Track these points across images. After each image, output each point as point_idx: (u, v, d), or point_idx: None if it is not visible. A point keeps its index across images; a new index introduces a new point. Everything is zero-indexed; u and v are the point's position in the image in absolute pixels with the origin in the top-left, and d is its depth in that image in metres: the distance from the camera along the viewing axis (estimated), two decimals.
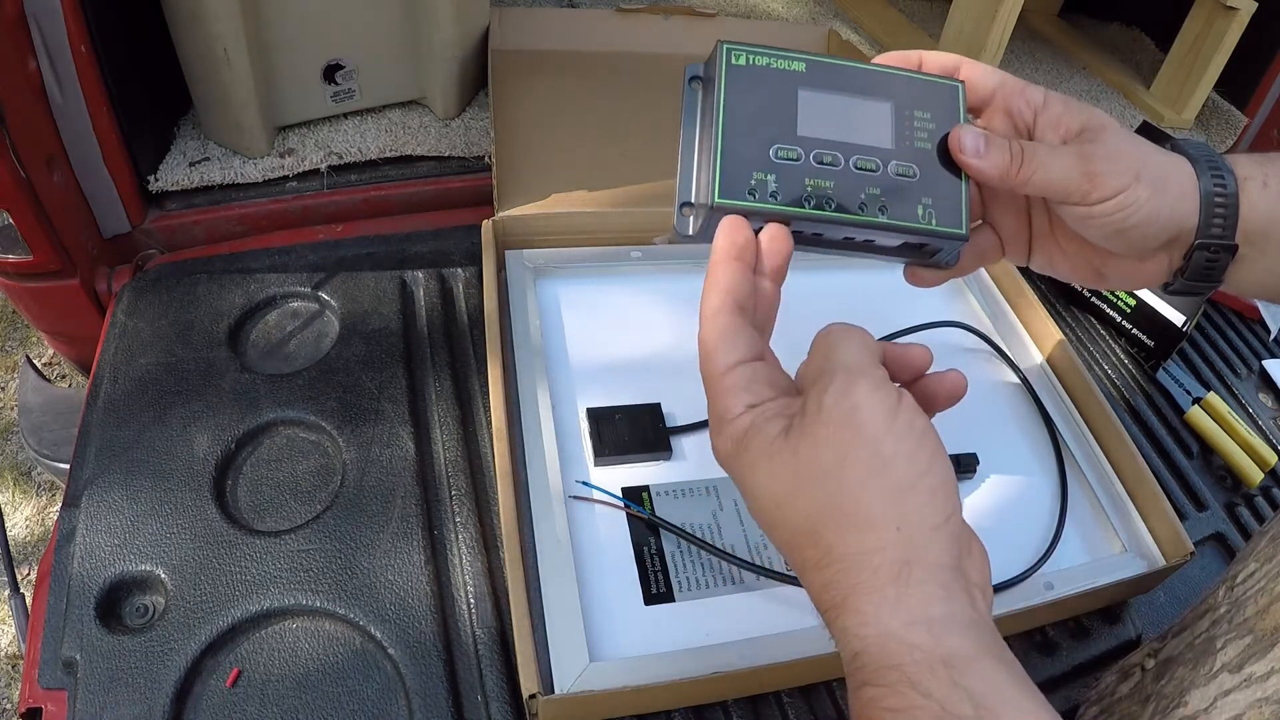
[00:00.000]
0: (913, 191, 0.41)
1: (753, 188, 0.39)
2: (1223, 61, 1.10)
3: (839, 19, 1.22)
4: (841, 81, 0.41)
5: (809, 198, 0.39)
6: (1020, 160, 0.40)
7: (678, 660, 0.49)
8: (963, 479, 0.63)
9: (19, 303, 0.78)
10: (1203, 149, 0.42)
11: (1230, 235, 0.40)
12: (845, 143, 0.40)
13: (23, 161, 0.65)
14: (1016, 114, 0.43)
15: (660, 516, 0.57)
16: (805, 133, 0.40)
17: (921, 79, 0.42)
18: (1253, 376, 0.86)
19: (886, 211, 0.40)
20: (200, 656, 0.50)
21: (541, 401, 0.61)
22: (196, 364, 0.65)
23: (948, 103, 0.42)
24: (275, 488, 0.59)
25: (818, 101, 0.40)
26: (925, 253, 0.44)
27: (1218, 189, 0.40)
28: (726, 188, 0.39)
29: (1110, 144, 0.40)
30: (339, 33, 0.80)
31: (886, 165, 0.40)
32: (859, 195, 0.40)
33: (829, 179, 0.40)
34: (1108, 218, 0.40)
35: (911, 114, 0.41)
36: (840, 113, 0.41)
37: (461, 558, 0.56)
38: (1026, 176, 0.40)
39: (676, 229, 0.41)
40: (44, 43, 0.65)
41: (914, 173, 0.41)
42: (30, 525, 1.39)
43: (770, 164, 0.39)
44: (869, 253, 0.44)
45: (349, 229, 0.81)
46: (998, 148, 0.40)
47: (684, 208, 0.41)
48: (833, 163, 0.40)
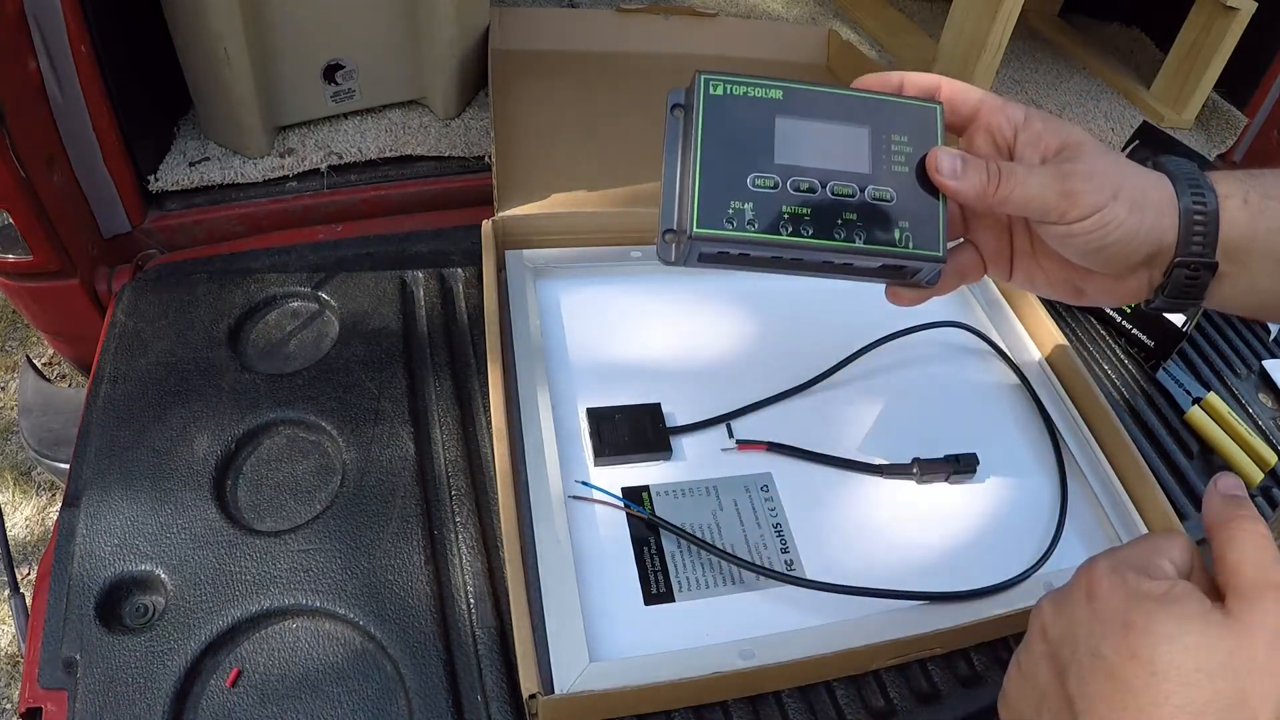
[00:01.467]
0: (890, 215, 0.41)
1: (730, 216, 0.40)
2: (1223, 61, 1.10)
3: (839, 19, 1.22)
4: (819, 108, 0.42)
5: (785, 224, 0.40)
6: (998, 180, 0.40)
7: (678, 660, 0.49)
8: (963, 479, 0.63)
9: (19, 303, 0.78)
10: (1184, 166, 0.42)
11: (1210, 253, 0.40)
12: (822, 169, 0.41)
13: (23, 161, 0.65)
14: (997, 131, 0.43)
15: (660, 516, 0.57)
16: (782, 160, 0.41)
17: (899, 102, 0.43)
18: (1253, 376, 0.85)
19: (863, 236, 0.41)
20: (200, 656, 0.50)
21: (541, 401, 0.61)
22: (196, 364, 0.65)
23: (926, 125, 0.42)
24: (275, 488, 0.59)
25: (795, 129, 0.41)
26: (905, 273, 0.44)
27: (1197, 207, 0.40)
28: (704, 217, 0.40)
29: (1088, 162, 0.40)
30: (339, 33, 0.80)
31: (864, 190, 0.41)
32: (835, 220, 0.41)
33: (806, 206, 0.41)
34: (1086, 236, 0.40)
35: (888, 138, 0.42)
36: (817, 139, 0.41)
37: (461, 558, 0.56)
38: (1005, 196, 0.40)
39: (659, 254, 0.42)
40: (44, 43, 0.65)
41: (891, 196, 0.41)
42: (30, 525, 1.39)
43: (748, 192, 0.40)
44: (849, 275, 0.44)
45: (349, 229, 0.81)
46: (974, 168, 0.40)
47: (666, 234, 0.42)
48: (810, 189, 0.41)
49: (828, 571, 0.55)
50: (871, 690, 0.53)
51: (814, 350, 0.70)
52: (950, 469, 0.62)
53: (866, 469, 0.62)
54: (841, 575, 0.55)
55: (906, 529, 0.60)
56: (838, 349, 0.70)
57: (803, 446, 0.62)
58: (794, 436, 0.63)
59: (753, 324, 0.73)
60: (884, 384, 0.69)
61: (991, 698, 0.54)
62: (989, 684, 0.55)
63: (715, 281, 0.76)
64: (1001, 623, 0.54)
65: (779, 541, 0.57)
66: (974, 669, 0.55)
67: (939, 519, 0.61)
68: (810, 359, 0.69)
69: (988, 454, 0.64)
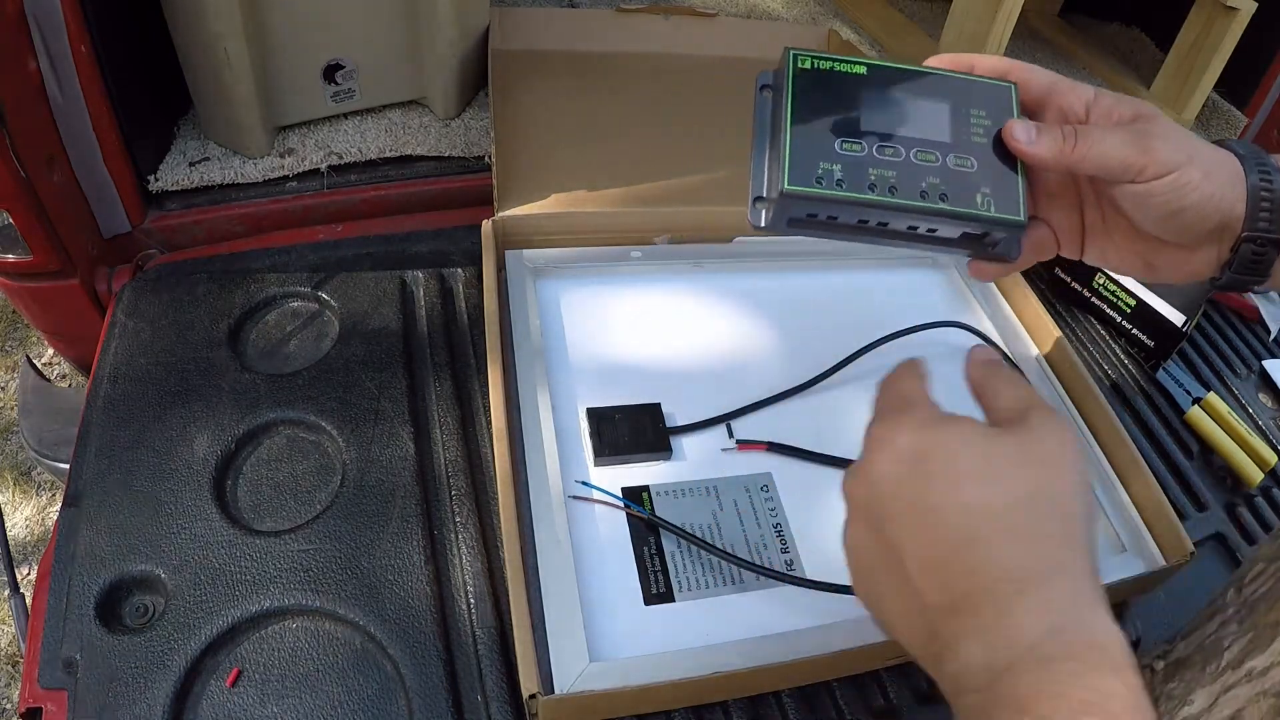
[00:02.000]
0: (971, 182, 0.43)
1: (820, 176, 0.42)
2: (1223, 61, 1.10)
3: (839, 19, 1.22)
4: (901, 83, 0.44)
5: (873, 185, 0.42)
6: (1074, 140, 0.41)
7: (678, 660, 0.49)
8: None
9: (19, 303, 0.78)
10: (1249, 147, 0.43)
11: (1277, 229, 0.41)
12: (906, 136, 0.43)
13: (23, 161, 0.65)
14: (1069, 110, 0.44)
15: (660, 516, 0.57)
16: (868, 128, 0.43)
17: (976, 80, 0.45)
18: (1253, 376, 0.86)
19: (947, 199, 0.42)
20: (200, 656, 0.50)
21: (541, 402, 0.61)
22: (196, 364, 0.65)
23: (1002, 101, 0.44)
24: (275, 488, 0.59)
25: (879, 100, 0.43)
26: (986, 243, 0.45)
27: (1264, 183, 0.41)
28: (795, 176, 0.41)
29: (1163, 125, 0.41)
30: (339, 33, 0.80)
31: (945, 158, 0.43)
32: (920, 184, 0.42)
33: (891, 169, 0.42)
34: (1163, 196, 0.41)
35: (968, 112, 0.44)
36: (900, 110, 0.43)
37: (461, 558, 0.56)
38: (1083, 153, 0.41)
39: (750, 220, 0.44)
40: (44, 43, 0.65)
41: (971, 164, 0.43)
42: (30, 525, 1.39)
43: (836, 155, 0.42)
44: (931, 244, 0.46)
45: (349, 229, 0.81)
46: (1049, 132, 0.42)
47: (757, 201, 0.44)
48: (894, 155, 0.43)
49: (828, 571, 0.55)
50: (871, 690, 0.53)
51: (814, 350, 0.70)
52: None
53: None
54: (841, 575, 0.53)
55: None
56: (838, 349, 0.70)
57: (803, 446, 0.62)
58: (794, 436, 0.63)
59: (752, 324, 0.73)
60: None
61: None
62: None
63: (715, 281, 0.76)
64: None
65: (779, 541, 0.57)
66: None
67: None
68: (810, 359, 0.69)
69: None
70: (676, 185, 0.79)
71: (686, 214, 0.76)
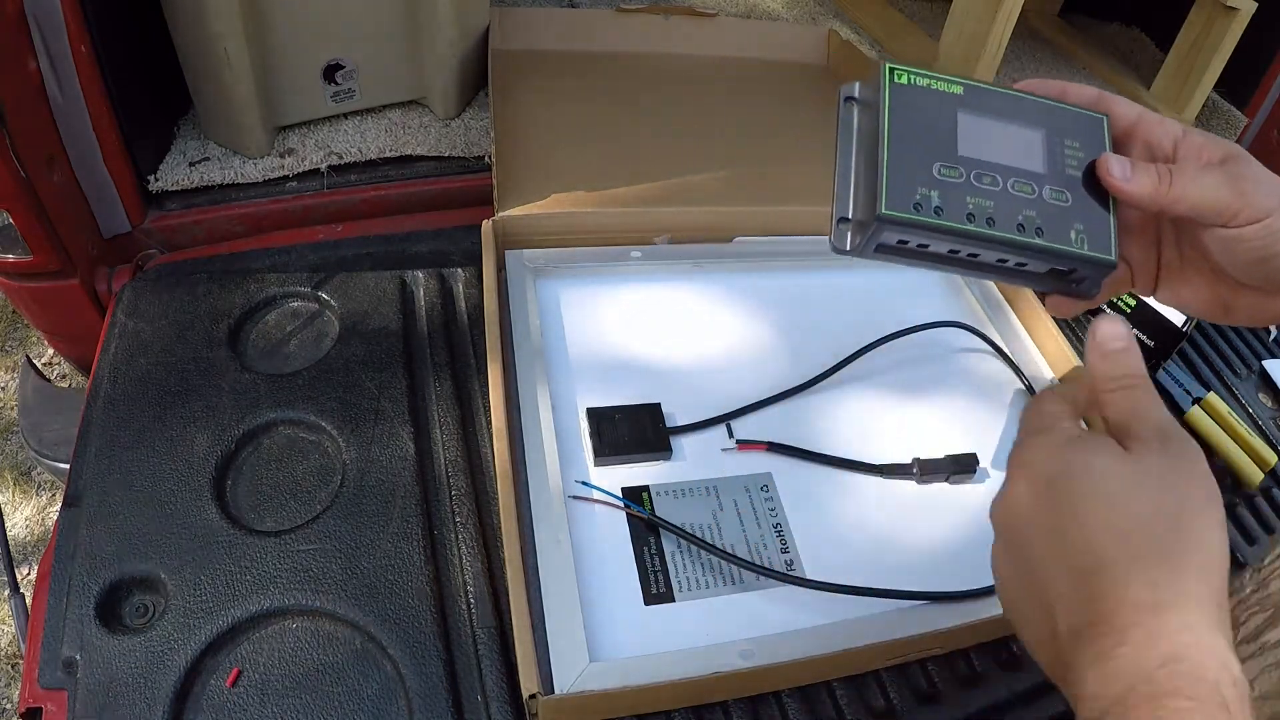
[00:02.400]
0: (1066, 217, 0.41)
1: (918, 202, 0.39)
2: (1223, 61, 1.10)
3: (839, 19, 1.22)
4: (996, 106, 0.42)
5: (971, 215, 0.40)
6: (1169, 180, 0.40)
7: (678, 660, 0.49)
8: (963, 479, 0.63)
9: (19, 303, 0.78)
10: None
11: None
12: (1003, 165, 0.41)
13: (23, 161, 0.65)
14: (1156, 145, 0.43)
15: (660, 516, 0.57)
16: (965, 153, 0.41)
17: (1068, 109, 0.43)
18: (1253, 376, 0.85)
19: (1043, 234, 0.41)
20: (200, 656, 0.50)
21: (541, 401, 0.61)
22: (196, 364, 0.65)
23: (1094, 133, 0.43)
24: (275, 488, 0.59)
25: (975, 124, 0.41)
26: (1070, 280, 0.44)
27: None
28: (893, 200, 0.39)
29: (1255, 169, 0.40)
30: (339, 33, 0.80)
31: (1041, 190, 0.41)
32: (1017, 217, 0.40)
33: (989, 199, 0.40)
34: (1253, 241, 0.40)
35: (1062, 142, 0.42)
36: (997, 136, 0.41)
37: (461, 558, 0.56)
38: (1179, 194, 0.40)
39: (834, 243, 0.42)
40: (44, 43, 0.65)
41: (1066, 199, 0.41)
42: (30, 525, 1.39)
43: (934, 180, 0.40)
44: (1014, 277, 0.44)
45: (349, 229, 0.81)
46: (1144, 170, 0.41)
47: (841, 223, 0.41)
48: (992, 184, 0.41)
49: (828, 571, 0.55)
50: (871, 690, 0.53)
51: (814, 350, 0.70)
52: (950, 469, 0.62)
53: (866, 469, 0.62)
54: (841, 575, 0.55)
55: (906, 529, 0.60)
56: (838, 349, 0.70)
57: (803, 446, 0.62)
58: (794, 436, 0.63)
59: (752, 324, 0.73)
60: (884, 384, 0.69)
61: (992, 698, 0.54)
62: (989, 684, 0.55)
63: (715, 281, 0.76)
64: (1001, 623, 0.54)
65: (779, 541, 0.57)
66: (974, 669, 0.55)
67: (939, 519, 0.61)
68: (810, 359, 0.69)
69: (988, 454, 0.64)
70: (676, 185, 0.79)
71: (686, 214, 0.76)
